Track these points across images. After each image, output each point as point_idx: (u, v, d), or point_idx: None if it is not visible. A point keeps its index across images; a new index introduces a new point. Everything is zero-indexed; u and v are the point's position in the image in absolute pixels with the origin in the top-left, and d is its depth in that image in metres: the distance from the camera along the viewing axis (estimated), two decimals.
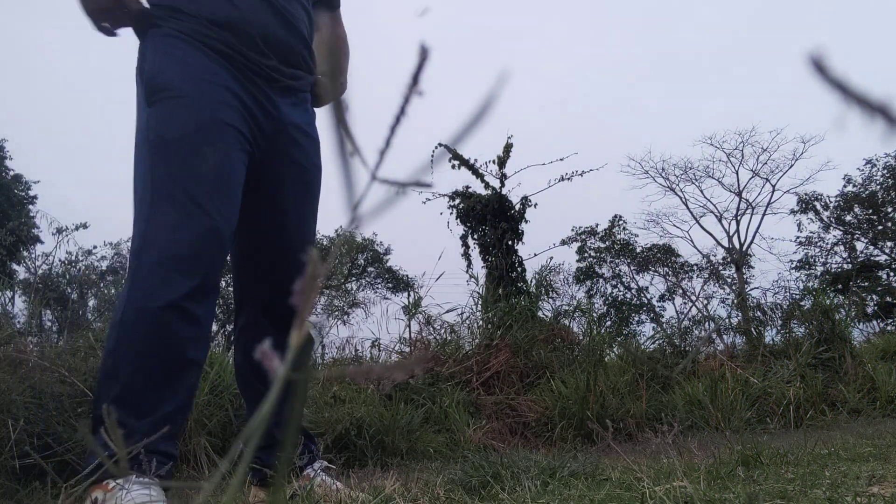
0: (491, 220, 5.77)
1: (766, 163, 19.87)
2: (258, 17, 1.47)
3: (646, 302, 21.45)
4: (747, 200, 20.28)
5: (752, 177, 20.13)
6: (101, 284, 4.24)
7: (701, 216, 20.70)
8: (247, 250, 1.48)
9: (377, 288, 17.49)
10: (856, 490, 0.80)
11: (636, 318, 20.83)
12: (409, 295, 3.83)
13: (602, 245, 21.94)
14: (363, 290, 17.41)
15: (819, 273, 20.41)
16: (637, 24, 31.43)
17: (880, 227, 19.93)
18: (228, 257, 1.49)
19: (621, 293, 21.59)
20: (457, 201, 6.08)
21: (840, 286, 18.73)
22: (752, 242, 20.37)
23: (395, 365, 0.22)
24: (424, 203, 6.30)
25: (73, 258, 4.27)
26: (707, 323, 4.75)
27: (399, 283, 16.91)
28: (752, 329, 4.29)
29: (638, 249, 21.77)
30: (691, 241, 21.43)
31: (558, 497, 0.90)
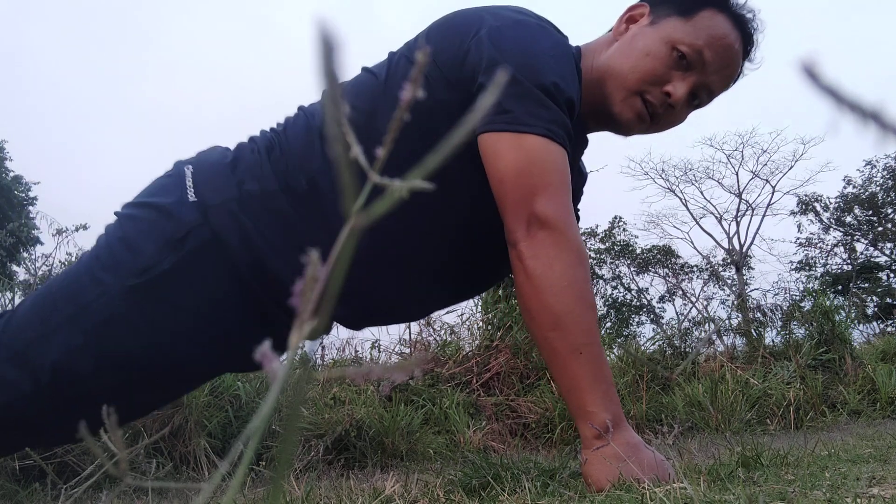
0: None
1: (766, 164, 19.90)
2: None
3: (646, 303, 21.45)
4: (747, 201, 20.29)
5: (752, 178, 20.14)
6: None
7: (701, 217, 20.71)
8: None
9: None
10: (856, 491, 0.80)
11: (636, 320, 20.83)
12: None
13: (602, 246, 21.94)
14: None
15: (819, 274, 20.42)
16: None
17: (880, 229, 19.94)
18: None
19: (621, 294, 21.59)
20: None
21: (840, 287, 18.74)
22: (752, 244, 20.38)
23: (394, 366, 0.22)
24: None
25: (73, 259, 4.27)
26: (707, 324, 4.75)
27: None
28: (752, 330, 4.29)
29: (638, 251, 21.78)
30: (691, 242, 21.45)
31: (558, 498, 0.90)
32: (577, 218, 1.32)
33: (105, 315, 0.99)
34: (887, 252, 19.91)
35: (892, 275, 19.98)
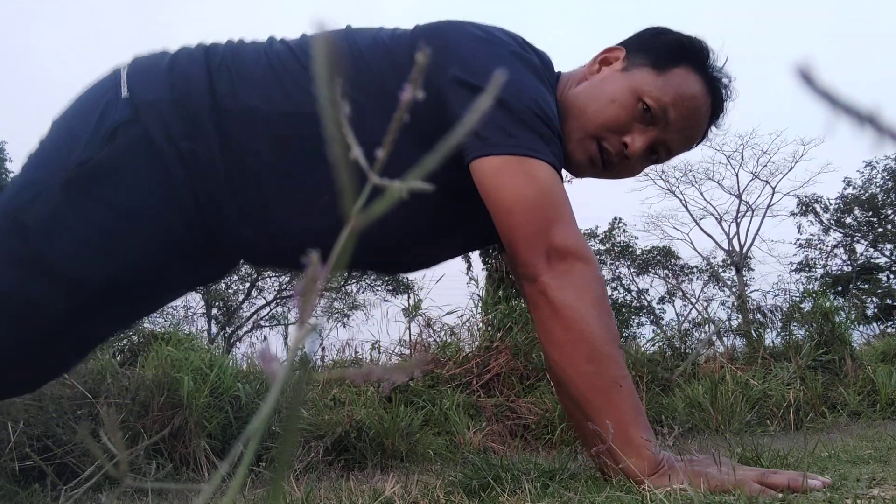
0: None
1: (766, 165, 19.92)
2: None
3: (646, 304, 21.46)
4: (747, 203, 20.29)
5: (752, 179, 20.15)
6: None
7: (701, 218, 20.71)
8: None
9: (377, 290, 17.49)
10: (856, 492, 0.80)
11: (636, 321, 20.84)
12: (409, 297, 3.83)
13: (602, 247, 21.94)
14: (363, 292, 17.42)
15: (819, 275, 20.43)
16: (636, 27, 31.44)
17: (880, 230, 19.94)
18: None
19: (621, 295, 21.59)
20: None
21: (840, 288, 18.75)
22: (752, 245, 20.37)
23: (394, 367, 0.22)
24: None
25: None
26: (707, 325, 4.75)
27: (399, 285, 16.92)
28: (752, 331, 4.29)
29: (638, 252, 21.78)
30: (691, 243, 21.46)
31: (558, 499, 0.90)
32: None
33: (43, 214, 0.96)
34: (887, 253, 19.90)
35: (892, 276, 19.97)
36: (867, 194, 19.96)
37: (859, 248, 20.49)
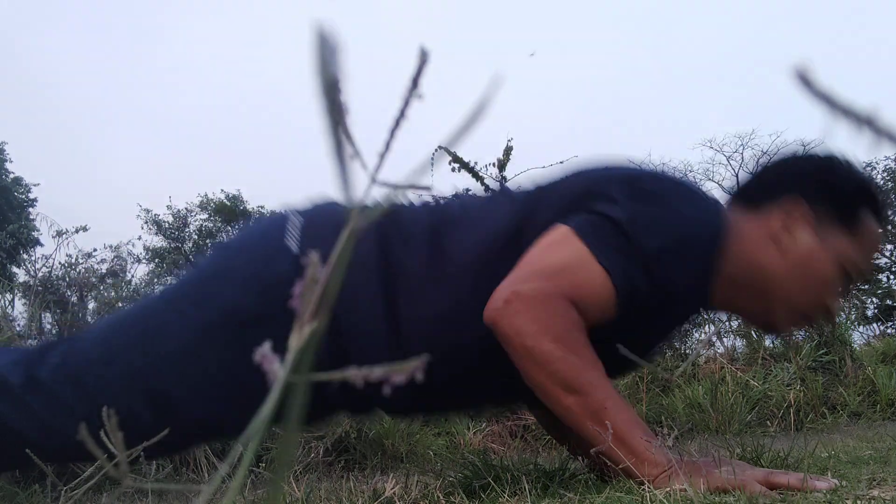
0: None
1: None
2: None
3: None
4: None
5: None
6: (101, 287, 4.24)
7: None
8: None
9: None
10: (856, 493, 0.80)
11: None
12: None
13: None
14: None
15: None
16: (638, 28, 31.55)
17: (880, 230, 19.88)
18: None
19: None
20: None
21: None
22: None
23: (395, 367, 0.22)
24: None
25: (73, 261, 4.26)
26: (707, 326, 4.75)
27: None
28: (752, 332, 4.28)
29: None
30: None
31: (558, 500, 0.90)
32: None
33: (176, 346, 0.97)
34: (887, 254, 19.91)
35: (892, 276, 19.98)
36: None
37: None
